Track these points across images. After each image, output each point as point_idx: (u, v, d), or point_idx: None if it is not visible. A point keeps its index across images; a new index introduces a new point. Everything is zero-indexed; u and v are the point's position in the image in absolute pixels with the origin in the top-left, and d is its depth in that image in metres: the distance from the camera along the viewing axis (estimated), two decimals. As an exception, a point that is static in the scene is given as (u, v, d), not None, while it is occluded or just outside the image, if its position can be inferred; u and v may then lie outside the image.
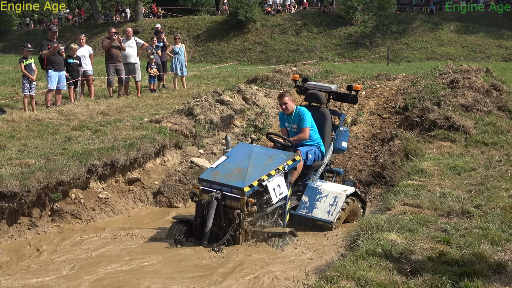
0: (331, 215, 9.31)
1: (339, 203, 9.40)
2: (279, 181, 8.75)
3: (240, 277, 7.15)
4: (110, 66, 17.81)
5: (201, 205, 8.64)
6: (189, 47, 37.45)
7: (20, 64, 14.99)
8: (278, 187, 8.69)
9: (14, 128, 12.57)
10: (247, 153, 9.17)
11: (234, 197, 8.43)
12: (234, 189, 8.47)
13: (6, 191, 8.84)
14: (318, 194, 9.55)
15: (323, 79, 18.27)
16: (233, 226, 8.31)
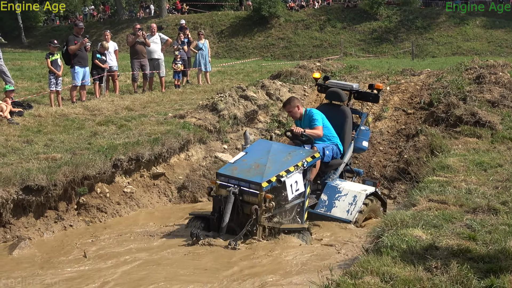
0: (350, 214, 9.23)
1: (358, 202, 9.31)
2: (297, 178, 8.64)
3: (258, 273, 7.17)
4: (135, 61, 17.93)
5: (218, 200, 8.58)
6: (212, 42, 37.55)
7: (47, 60, 15.15)
8: (295, 184, 8.58)
9: (40, 123, 12.71)
10: (266, 150, 9.11)
11: (252, 192, 8.34)
12: (252, 184, 8.38)
13: (33, 185, 8.95)
14: (338, 193, 9.47)
15: (347, 74, 18.20)
16: (250, 221, 8.20)
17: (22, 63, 25.83)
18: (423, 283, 4.90)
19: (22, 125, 12.44)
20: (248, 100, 14.34)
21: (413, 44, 35.58)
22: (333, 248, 8.26)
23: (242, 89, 14.84)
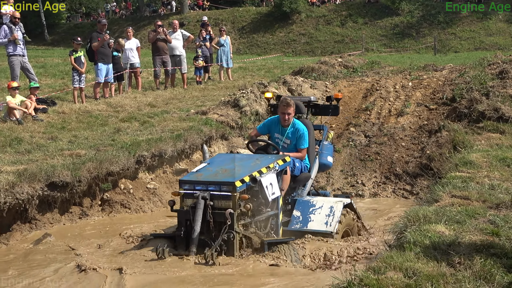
0: (330, 226, 8.19)
1: (336, 212, 8.34)
2: (271, 179, 7.67)
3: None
4: (157, 58, 18.03)
5: (184, 213, 7.36)
6: (234, 39, 37.53)
7: (70, 57, 15.28)
8: (271, 186, 7.61)
9: (64, 120, 12.85)
10: (230, 158, 8.46)
11: (224, 196, 7.24)
12: (224, 185, 7.30)
13: (58, 181, 9.08)
14: (311, 207, 8.47)
15: (369, 70, 18.16)
16: (225, 229, 7.02)
17: (45, 60, 26.06)
18: (446, 278, 4.90)
19: (47, 121, 12.59)
20: (269, 96, 14.36)
21: (435, 39, 35.29)
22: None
23: (263, 85, 14.88)
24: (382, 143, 13.04)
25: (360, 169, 12.59)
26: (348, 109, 14.66)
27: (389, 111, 14.07)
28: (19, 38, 14.40)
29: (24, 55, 14.80)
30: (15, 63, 14.55)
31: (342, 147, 13.14)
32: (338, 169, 12.62)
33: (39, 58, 26.63)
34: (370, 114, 14.09)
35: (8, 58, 14.72)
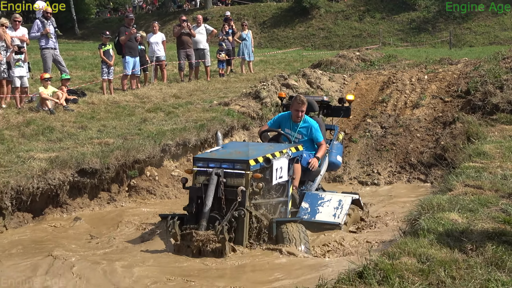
0: (337, 218, 8.01)
1: (345, 205, 8.18)
2: (283, 163, 7.54)
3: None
4: (181, 51, 18.08)
5: (196, 190, 7.15)
6: (255, 33, 37.42)
7: (99, 50, 15.38)
8: (280, 169, 7.48)
9: (94, 110, 12.95)
10: (244, 144, 8.54)
11: (237, 174, 7.04)
12: (238, 163, 7.12)
13: (88, 168, 9.18)
14: (320, 200, 8.31)
15: (386, 63, 18.04)
16: (235, 205, 6.85)
17: (75, 53, 26.26)
18: (459, 264, 4.88)
19: (77, 111, 12.69)
20: (289, 88, 14.36)
21: (451, 34, 34.93)
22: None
23: (283, 77, 14.87)
24: (398, 134, 12.98)
25: (376, 158, 12.54)
26: (365, 101, 14.60)
27: (405, 103, 13.98)
28: (51, 32, 14.51)
29: (56, 48, 14.91)
30: (47, 56, 14.68)
31: (358, 137, 13.09)
32: (355, 159, 12.58)
33: (70, 51, 26.83)
34: (386, 106, 14.02)
35: (41, 51, 14.86)
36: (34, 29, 14.63)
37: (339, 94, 14.83)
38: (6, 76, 12.96)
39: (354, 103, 14.46)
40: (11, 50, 12.95)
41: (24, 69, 13.36)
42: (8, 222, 8.31)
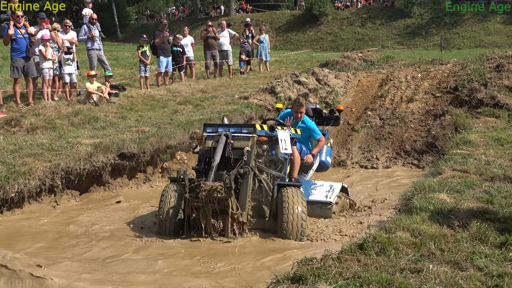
0: (329, 198, 7.65)
1: (335, 189, 7.84)
2: (286, 136, 7.21)
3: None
4: (207, 52, 18.06)
5: (204, 151, 6.92)
6: (271, 37, 37.23)
7: (138, 51, 15.37)
8: (284, 141, 7.16)
9: (132, 102, 12.96)
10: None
11: (244, 137, 6.82)
12: (245, 128, 6.95)
13: (127, 152, 9.19)
14: (313, 185, 7.99)
15: (384, 63, 17.85)
16: (240, 163, 6.55)
17: (117, 54, 26.30)
18: (447, 238, 4.83)
19: (118, 104, 12.71)
20: (300, 85, 14.26)
21: (442, 38, 34.52)
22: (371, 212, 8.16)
23: (295, 75, 14.76)
24: (394, 124, 12.84)
25: (375, 146, 12.42)
26: (366, 96, 14.46)
27: (401, 98, 13.83)
28: (96, 36, 14.54)
29: (101, 49, 14.94)
30: (93, 56, 14.72)
31: (360, 127, 12.98)
32: (357, 146, 12.48)
33: (113, 52, 26.88)
34: (384, 100, 13.87)
35: (88, 51, 14.90)
36: (81, 33, 14.69)
37: (344, 90, 14.71)
38: (58, 73, 13.03)
39: (357, 98, 14.37)
40: (61, 51, 13.00)
41: (73, 67, 13.40)
42: (58, 198, 8.36)
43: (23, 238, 6.78)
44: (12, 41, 11.95)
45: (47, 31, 12.75)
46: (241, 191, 6.56)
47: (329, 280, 3.92)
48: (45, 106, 11.75)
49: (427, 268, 4.15)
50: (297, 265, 4.45)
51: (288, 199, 6.66)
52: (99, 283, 5.21)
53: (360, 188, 9.85)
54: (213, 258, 5.95)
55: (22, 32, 12.03)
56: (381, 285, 3.84)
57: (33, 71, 12.33)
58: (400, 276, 4.02)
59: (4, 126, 10.49)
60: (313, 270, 4.12)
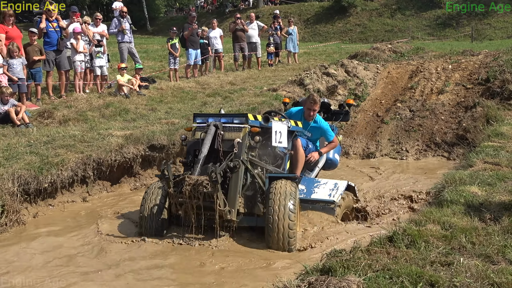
0: (332, 197, 6.94)
1: (340, 187, 7.14)
2: (282, 128, 6.58)
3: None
4: (236, 45, 18.08)
5: (193, 143, 6.38)
6: (300, 28, 36.92)
7: (167, 43, 15.48)
8: (279, 134, 6.53)
9: (162, 95, 13.06)
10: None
11: (235, 127, 6.20)
12: (236, 117, 6.29)
13: (157, 143, 9.27)
14: (316, 183, 7.29)
15: (414, 54, 17.62)
16: (230, 156, 5.94)
17: (147, 46, 26.51)
18: (478, 231, 4.76)
19: (148, 96, 12.82)
20: (329, 76, 14.16)
21: (473, 29, 33.84)
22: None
23: (324, 67, 14.67)
24: (424, 116, 12.67)
25: (405, 138, 12.28)
26: (395, 87, 14.29)
27: (431, 89, 13.63)
28: (126, 29, 14.67)
29: (131, 42, 15.08)
30: (123, 49, 14.86)
31: (389, 119, 12.84)
32: (386, 138, 12.36)
33: (143, 45, 27.10)
34: (414, 92, 13.70)
35: (118, 44, 15.05)
36: (112, 26, 14.84)
37: (373, 82, 14.56)
38: (89, 66, 13.20)
39: (386, 89, 14.21)
40: (92, 44, 13.17)
41: (104, 60, 13.57)
42: (90, 189, 8.48)
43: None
44: (44, 35, 12.16)
45: (78, 25, 12.93)
46: (231, 186, 5.95)
47: (358, 272, 3.91)
48: (77, 98, 11.94)
49: (458, 261, 4.10)
50: (326, 256, 4.45)
51: (275, 191, 5.95)
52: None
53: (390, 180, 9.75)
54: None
55: (54, 26, 12.24)
56: (411, 277, 3.81)
57: (65, 64, 12.53)
58: (430, 269, 3.99)
59: (38, 118, 10.68)
60: (342, 262, 4.11)
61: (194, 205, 5.76)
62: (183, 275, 5.32)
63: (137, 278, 5.23)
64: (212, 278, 5.23)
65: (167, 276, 5.30)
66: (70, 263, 5.67)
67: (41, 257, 5.82)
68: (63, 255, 5.89)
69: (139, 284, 5.13)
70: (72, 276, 5.27)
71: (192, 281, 5.17)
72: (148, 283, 5.14)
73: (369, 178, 9.98)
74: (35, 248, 6.06)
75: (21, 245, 6.18)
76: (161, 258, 5.71)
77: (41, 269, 5.49)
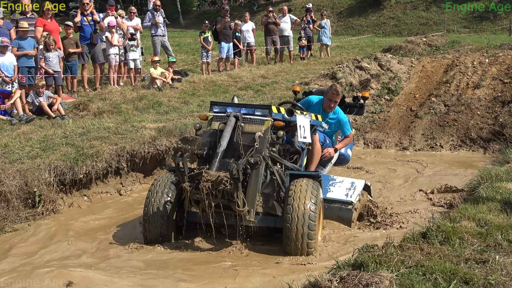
0: (350, 197, 6.52)
1: (357, 187, 6.72)
2: (305, 122, 6.12)
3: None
4: (268, 38, 18.06)
5: (209, 134, 5.80)
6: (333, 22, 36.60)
7: (200, 37, 15.56)
8: (303, 128, 6.05)
9: (194, 88, 13.13)
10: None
11: (257, 120, 5.68)
12: (258, 109, 5.78)
13: (189, 136, 9.32)
14: (331, 181, 6.86)
15: (450, 48, 17.29)
16: (251, 151, 5.46)
17: (180, 40, 26.69)
18: (515, 229, 4.67)
19: (181, 89, 12.91)
20: (362, 70, 14.03)
21: (510, 22, 33.01)
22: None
23: (357, 60, 14.53)
24: (460, 111, 12.45)
25: (439, 133, 12.10)
26: (430, 81, 14.06)
27: (467, 84, 13.37)
28: (160, 22, 14.80)
29: (164, 35, 15.20)
30: (156, 42, 15.00)
31: (423, 114, 12.65)
32: (420, 133, 12.18)
33: (175, 38, 27.29)
34: (449, 86, 13.46)
35: (152, 38, 15.20)
36: (146, 19, 14.99)
37: (407, 76, 14.36)
38: (124, 59, 13.36)
39: (420, 84, 13.99)
40: (126, 37, 13.32)
41: (137, 53, 13.72)
42: (124, 180, 8.60)
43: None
44: (79, 29, 12.36)
45: (113, 18, 13.09)
46: (250, 184, 5.45)
47: (391, 268, 3.87)
48: (111, 91, 12.10)
49: (493, 259, 4.03)
50: (358, 251, 4.42)
51: (295, 189, 5.52)
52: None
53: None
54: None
55: (88, 20, 12.43)
56: (444, 274, 3.75)
57: (100, 57, 12.72)
58: (464, 266, 3.93)
59: (73, 110, 10.89)
60: (374, 257, 4.07)
61: (213, 203, 5.23)
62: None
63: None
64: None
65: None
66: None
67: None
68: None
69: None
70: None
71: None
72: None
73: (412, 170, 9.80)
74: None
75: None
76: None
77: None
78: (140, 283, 4.81)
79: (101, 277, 4.83)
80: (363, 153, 11.46)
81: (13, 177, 6.97)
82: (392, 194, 8.12)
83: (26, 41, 11.01)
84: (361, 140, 12.17)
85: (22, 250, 5.82)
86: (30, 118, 9.74)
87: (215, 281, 4.89)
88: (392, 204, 7.56)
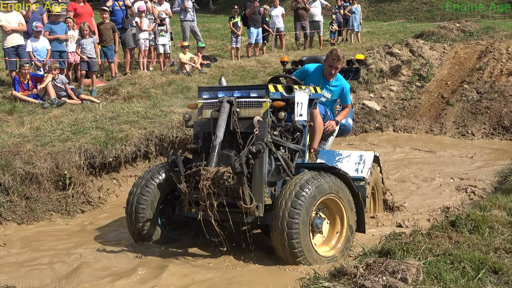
0: (361, 172, 5.98)
1: (367, 160, 6.14)
2: (303, 98, 5.39)
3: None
4: (297, 23, 17.89)
5: (202, 124, 5.24)
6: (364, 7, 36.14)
7: (229, 22, 15.52)
8: (301, 105, 5.36)
9: (223, 73, 13.10)
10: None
11: (253, 102, 5.05)
12: (254, 90, 5.12)
13: (217, 121, 9.32)
14: (337, 156, 6.25)
15: (484, 34, 16.92)
16: (251, 138, 4.82)
17: (209, 25, 26.69)
18: (547, 219, 4.57)
19: (209, 74, 12.93)
20: (393, 56, 13.85)
21: (549, 7, 32.18)
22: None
23: (388, 46, 14.35)
24: (493, 99, 12.21)
25: (471, 121, 11.90)
26: (462, 68, 13.81)
27: (501, 71, 13.09)
28: (189, 7, 14.78)
29: (194, 21, 15.20)
30: (185, 27, 15.02)
31: (455, 101, 12.45)
32: (451, 120, 12.01)
33: (205, 24, 27.28)
34: (483, 73, 13.19)
35: (181, 23, 15.22)
36: (175, 4, 15.01)
37: (439, 62, 14.11)
38: (153, 44, 13.43)
39: (452, 70, 13.74)
40: (155, 23, 13.37)
41: (167, 38, 13.76)
42: (152, 164, 8.67)
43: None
44: (110, 13, 12.45)
45: (142, 3, 13.14)
46: (255, 176, 4.86)
47: (418, 256, 3.84)
48: (141, 75, 12.19)
49: (524, 249, 3.96)
50: (385, 239, 4.39)
51: (287, 187, 4.83)
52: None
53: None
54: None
55: (120, 4, 12.51)
56: (473, 263, 3.70)
57: (130, 42, 12.81)
58: (494, 256, 3.87)
59: (103, 94, 11.01)
60: (401, 245, 4.04)
61: (214, 203, 4.68)
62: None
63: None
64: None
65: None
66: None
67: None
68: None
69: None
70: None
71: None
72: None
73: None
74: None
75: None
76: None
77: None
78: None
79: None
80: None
81: (44, 160, 7.11)
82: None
83: (58, 26, 11.13)
84: (391, 127, 12.04)
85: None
86: (61, 102, 9.89)
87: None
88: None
